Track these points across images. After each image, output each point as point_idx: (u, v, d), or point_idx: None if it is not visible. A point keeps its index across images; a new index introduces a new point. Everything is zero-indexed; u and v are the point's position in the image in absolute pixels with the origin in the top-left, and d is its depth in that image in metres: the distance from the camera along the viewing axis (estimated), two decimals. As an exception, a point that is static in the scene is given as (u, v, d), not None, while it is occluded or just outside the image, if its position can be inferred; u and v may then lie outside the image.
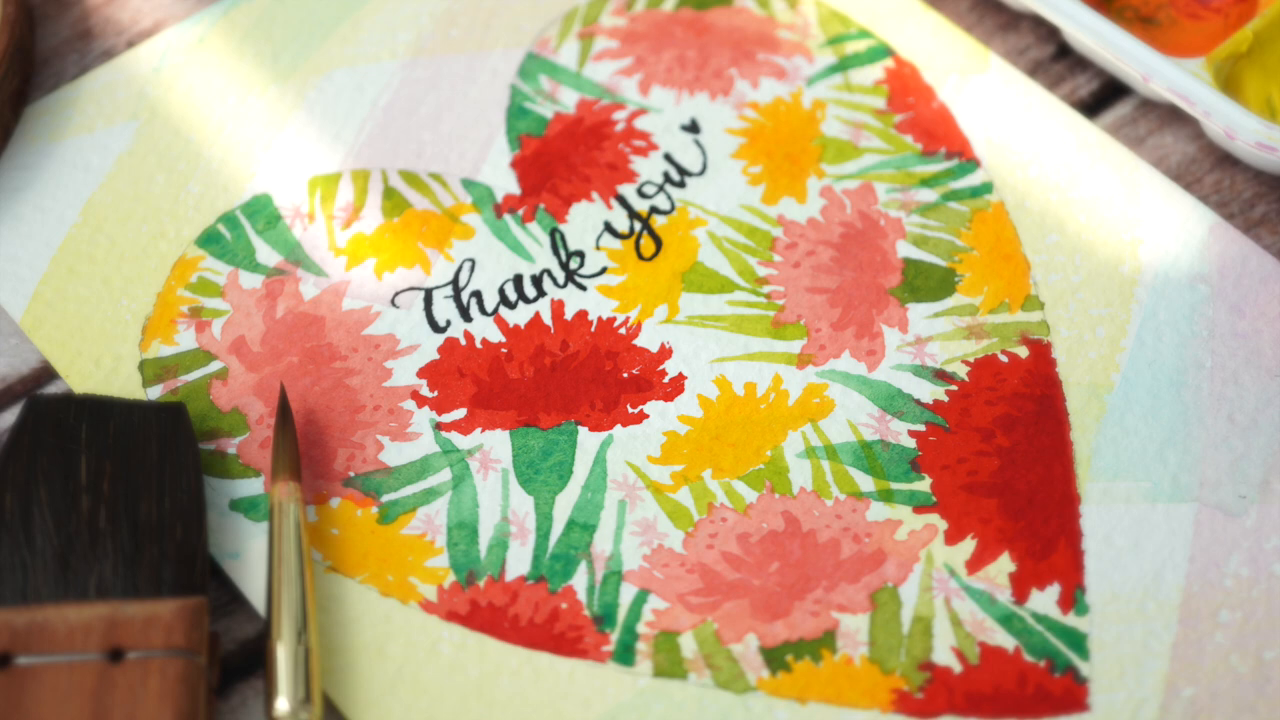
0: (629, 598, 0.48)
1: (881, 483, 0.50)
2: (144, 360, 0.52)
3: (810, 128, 0.57)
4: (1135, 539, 0.49)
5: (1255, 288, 0.53)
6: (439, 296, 0.53)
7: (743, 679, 0.47)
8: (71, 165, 0.56)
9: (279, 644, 0.45)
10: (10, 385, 0.52)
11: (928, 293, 0.53)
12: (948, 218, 0.55)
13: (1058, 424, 0.51)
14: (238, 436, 0.51)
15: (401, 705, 0.46)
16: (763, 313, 0.53)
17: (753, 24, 0.60)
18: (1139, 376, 0.52)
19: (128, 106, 0.58)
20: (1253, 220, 0.55)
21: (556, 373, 0.52)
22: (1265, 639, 0.47)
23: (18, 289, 0.54)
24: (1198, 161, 0.57)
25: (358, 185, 0.56)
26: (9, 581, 0.45)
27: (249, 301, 0.53)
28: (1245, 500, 0.49)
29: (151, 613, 0.45)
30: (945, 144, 0.57)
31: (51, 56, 0.59)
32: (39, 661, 0.44)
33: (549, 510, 0.49)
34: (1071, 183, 0.56)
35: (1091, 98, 0.58)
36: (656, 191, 0.56)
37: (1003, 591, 0.48)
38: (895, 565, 0.48)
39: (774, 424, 0.51)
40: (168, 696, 0.44)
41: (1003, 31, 0.60)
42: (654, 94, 0.58)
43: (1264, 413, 0.51)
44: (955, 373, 0.52)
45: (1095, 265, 0.54)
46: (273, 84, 0.58)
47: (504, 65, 0.59)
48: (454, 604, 0.48)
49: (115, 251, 0.54)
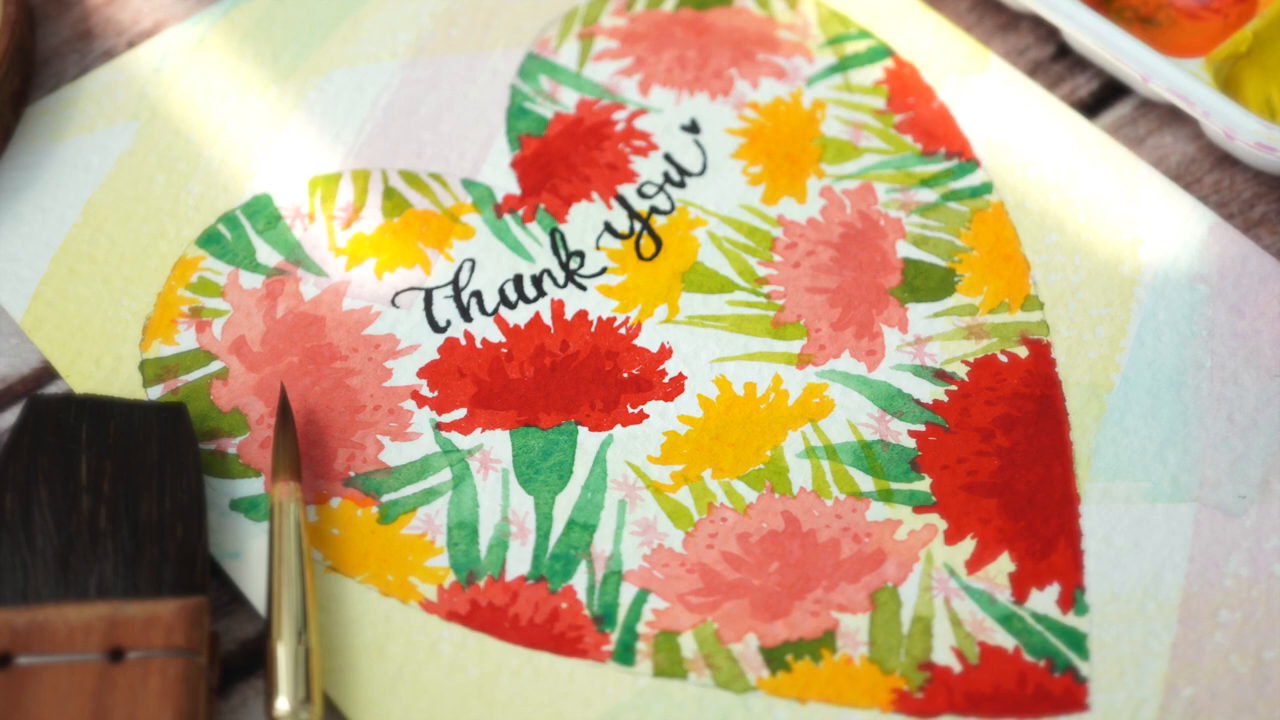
0: (629, 597, 0.48)
1: (881, 483, 0.50)
2: (144, 360, 0.52)
3: (810, 128, 0.57)
4: (1135, 539, 0.49)
5: (1255, 288, 0.53)
6: (439, 296, 0.53)
7: (743, 679, 0.47)
8: (72, 165, 0.56)
9: (279, 644, 0.45)
10: (11, 385, 0.52)
11: (927, 293, 0.53)
12: (947, 218, 0.55)
13: (1057, 424, 0.51)
14: (238, 436, 0.51)
15: (402, 705, 0.46)
16: (763, 313, 0.53)
17: (753, 24, 0.59)
18: (1139, 376, 0.51)
19: (128, 107, 0.57)
20: (1252, 220, 0.55)
21: (556, 373, 0.52)
22: (1265, 639, 0.47)
23: (18, 289, 0.54)
24: (1197, 161, 0.57)
25: (358, 185, 0.56)
26: (9, 581, 0.45)
27: (249, 301, 0.53)
28: (1245, 500, 0.49)
29: (152, 612, 0.45)
30: (945, 144, 0.56)
31: (52, 57, 0.59)
32: (39, 661, 0.44)
33: (549, 510, 0.49)
34: (1071, 183, 0.55)
35: (1091, 98, 0.58)
36: (656, 191, 0.56)
37: (1002, 591, 0.48)
38: (895, 565, 0.48)
39: (774, 424, 0.51)
40: (168, 696, 0.44)
41: (1002, 32, 0.60)
42: (654, 94, 0.58)
43: (1263, 413, 0.51)
44: (955, 373, 0.52)
45: (1095, 265, 0.54)
46: (273, 84, 0.58)
47: (504, 65, 0.59)
48: (454, 604, 0.48)
49: (116, 251, 0.54)
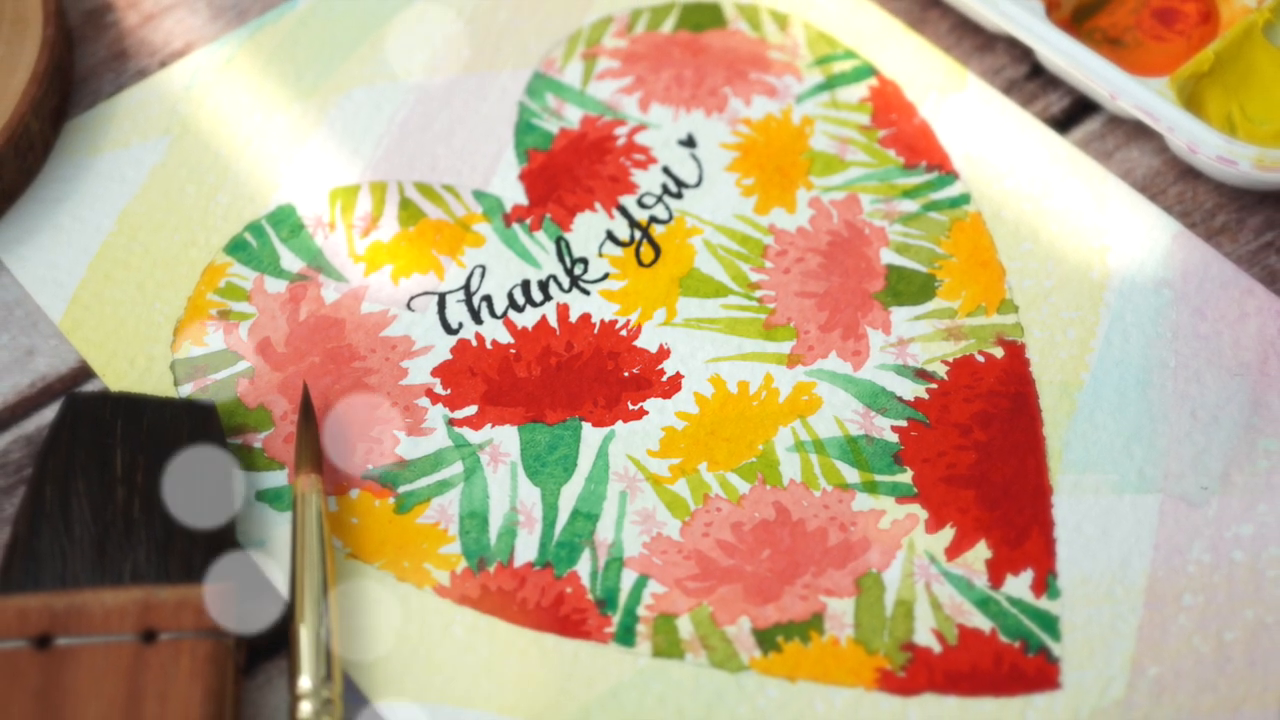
0: (630, 583, 0.48)
1: (866, 475, 0.50)
2: (175, 360, 0.52)
3: (799, 142, 0.57)
4: (1104, 528, 0.49)
5: (1216, 292, 0.53)
6: (451, 300, 0.53)
7: (736, 659, 0.47)
8: (108, 177, 0.56)
9: (302, 625, 0.45)
10: (50, 384, 0.52)
11: (909, 297, 0.53)
12: (928, 227, 0.55)
13: (1031, 420, 0.51)
14: (263, 432, 0.51)
15: (417, 683, 0.46)
16: (755, 316, 0.53)
17: (745, 45, 0.59)
18: (1107, 375, 0.51)
19: (160, 122, 0.57)
20: (1214, 229, 0.55)
21: (562, 372, 0.52)
22: (1225, 621, 0.47)
23: (57, 293, 0.54)
24: (1162, 174, 0.56)
25: (375, 196, 0.56)
26: (49, 567, 0.45)
27: (274, 305, 0.53)
28: (1207, 491, 0.49)
29: (183, 597, 0.45)
30: (926, 158, 0.56)
31: (89, 76, 0.59)
32: (77, 642, 0.44)
33: (555, 500, 0.49)
34: (1044, 194, 0.55)
35: (1063, 114, 0.58)
36: (655, 202, 0.56)
37: (979, 577, 0.48)
38: (879, 552, 0.48)
39: (765, 420, 0.51)
40: (198, 675, 0.44)
41: (979, 52, 0.60)
42: (653, 111, 0.58)
43: (1224, 409, 0.51)
44: (935, 372, 0.52)
45: (1066, 271, 0.54)
46: (296, 101, 0.58)
47: (513, 84, 0.59)
48: (466, 588, 0.48)
49: (149, 258, 0.54)
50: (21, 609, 0.44)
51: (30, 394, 0.52)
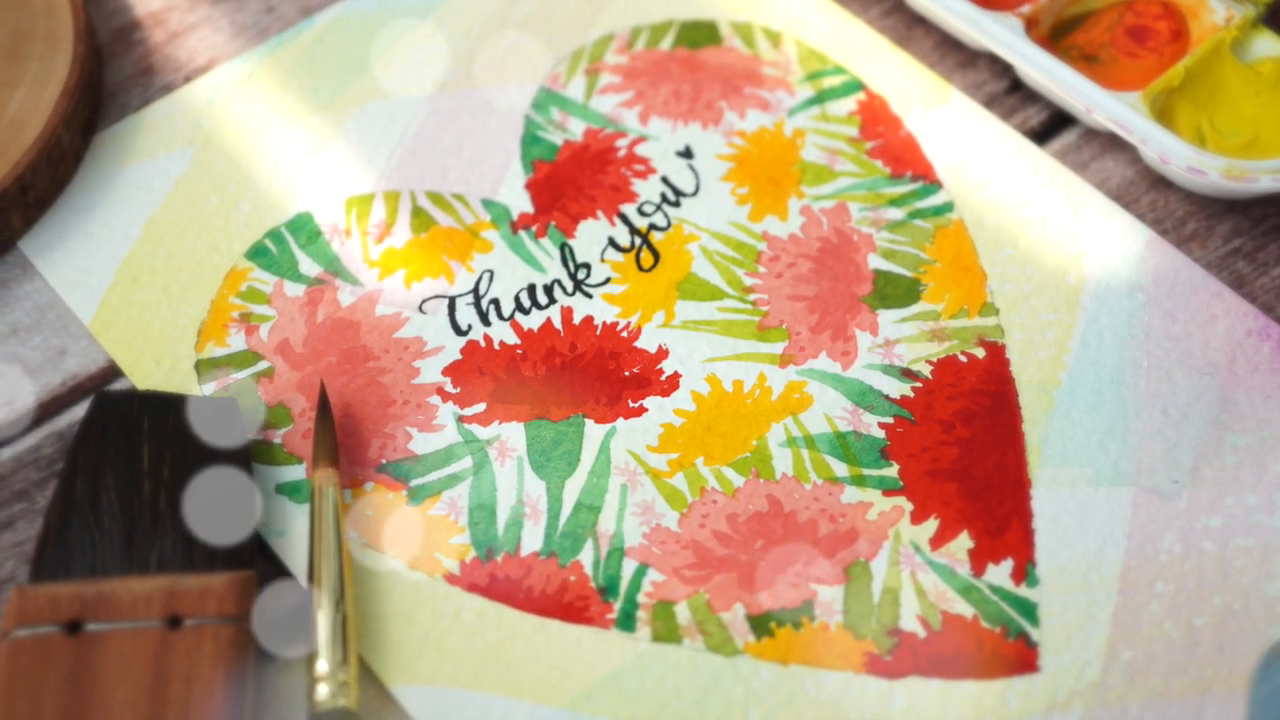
0: (630, 571, 0.48)
1: (854, 469, 0.50)
2: (199, 360, 0.52)
3: (791, 154, 0.57)
4: (1080, 519, 0.49)
5: (1186, 296, 0.53)
6: (461, 304, 0.53)
7: (731, 643, 0.47)
8: (135, 187, 0.56)
9: (319, 612, 0.45)
10: (81, 383, 0.52)
11: (895, 300, 0.53)
12: (913, 234, 0.55)
13: (1011, 417, 0.51)
14: (282, 428, 0.51)
15: (428, 666, 0.46)
16: (749, 318, 0.53)
17: (740, 61, 0.60)
18: (1083, 375, 0.52)
19: (185, 135, 0.58)
20: (1184, 236, 0.55)
21: (566, 371, 0.52)
22: (1195, 608, 0.47)
23: (88, 296, 0.54)
24: (1135, 184, 0.57)
25: (389, 205, 0.56)
26: (80, 557, 0.45)
27: (292, 308, 0.53)
28: (1177, 485, 0.49)
29: (206, 585, 0.45)
30: (911, 168, 0.57)
31: (118, 90, 0.59)
32: (106, 628, 0.44)
33: (559, 493, 0.49)
34: (1023, 202, 0.56)
35: (1041, 127, 0.58)
36: (655, 210, 0.56)
37: (962, 566, 0.48)
38: (867, 542, 0.48)
39: (759, 417, 0.51)
40: (220, 659, 0.44)
41: (962, 68, 0.60)
42: (652, 123, 0.58)
43: (1194, 407, 0.51)
44: (920, 371, 0.52)
45: (1044, 276, 0.54)
46: (314, 115, 0.58)
47: (519, 98, 0.59)
48: (475, 577, 0.48)
49: (174, 263, 0.54)
50: (53, 596, 0.44)
51: (61, 392, 0.52)
